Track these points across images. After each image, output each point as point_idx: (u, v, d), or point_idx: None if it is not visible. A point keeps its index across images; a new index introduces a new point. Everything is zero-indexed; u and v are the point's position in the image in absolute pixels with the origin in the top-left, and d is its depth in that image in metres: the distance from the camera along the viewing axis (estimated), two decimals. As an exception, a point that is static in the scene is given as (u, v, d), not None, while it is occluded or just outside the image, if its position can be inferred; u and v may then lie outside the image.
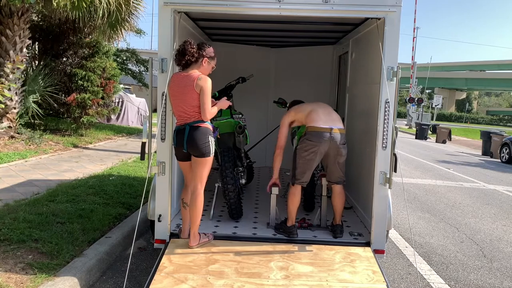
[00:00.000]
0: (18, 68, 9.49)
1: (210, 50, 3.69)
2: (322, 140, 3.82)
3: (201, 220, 4.39)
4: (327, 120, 3.91)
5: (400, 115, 49.66)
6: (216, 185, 4.67)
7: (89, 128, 12.38)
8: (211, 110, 3.55)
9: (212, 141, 3.61)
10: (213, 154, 3.64)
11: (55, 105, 11.41)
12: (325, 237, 4.05)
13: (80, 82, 11.39)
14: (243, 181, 4.78)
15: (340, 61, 6.49)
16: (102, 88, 11.89)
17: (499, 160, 16.39)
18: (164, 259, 3.45)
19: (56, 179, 6.90)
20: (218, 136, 4.47)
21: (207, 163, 3.63)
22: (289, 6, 3.63)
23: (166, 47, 3.68)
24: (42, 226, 4.35)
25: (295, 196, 4.03)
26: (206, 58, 3.65)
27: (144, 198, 3.53)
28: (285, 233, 4.00)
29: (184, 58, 3.55)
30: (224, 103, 3.83)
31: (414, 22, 35.83)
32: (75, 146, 10.61)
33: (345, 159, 4.01)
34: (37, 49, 12.31)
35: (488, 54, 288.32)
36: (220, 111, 4.85)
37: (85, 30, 11.92)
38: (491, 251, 5.36)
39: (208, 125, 3.62)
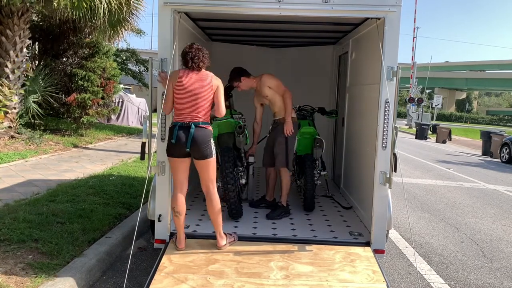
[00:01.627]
0: (19, 68, 9.50)
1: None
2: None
3: (200, 220, 4.40)
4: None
5: (400, 115, 49.63)
6: (216, 185, 4.66)
7: (89, 128, 12.39)
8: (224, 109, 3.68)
9: (212, 142, 3.64)
10: (214, 155, 3.67)
11: (55, 105, 11.41)
12: (325, 237, 4.06)
13: (80, 82, 11.40)
14: (243, 181, 4.78)
15: (340, 61, 6.49)
16: (102, 88, 11.89)
17: (499, 160, 16.39)
18: (164, 259, 3.45)
19: (56, 179, 6.90)
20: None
21: (212, 163, 3.66)
22: (289, 6, 3.63)
23: (166, 47, 3.68)
24: (42, 226, 4.36)
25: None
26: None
27: (144, 198, 3.53)
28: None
29: (205, 65, 3.61)
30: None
31: (414, 22, 35.84)
32: (75, 146, 10.61)
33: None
34: (37, 49, 12.31)
35: (488, 54, 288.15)
36: None
37: (85, 30, 11.92)
38: (491, 251, 5.36)
39: (211, 127, 3.67)
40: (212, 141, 3.63)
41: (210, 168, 3.65)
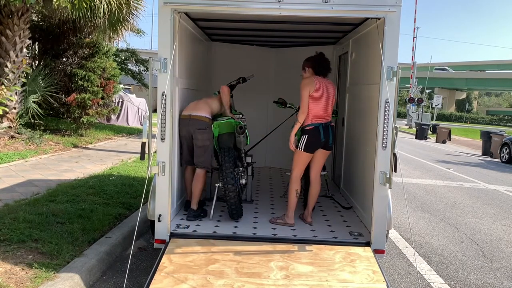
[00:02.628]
0: (18, 68, 9.50)
1: None
2: (182, 125, 4.43)
3: (200, 220, 4.43)
4: (190, 109, 4.46)
5: (400, 115, 49.64)
6: (216, 185, 4.67)
7: (89, 128, 12.39)
8: None
9: None
10: None
11: (55, 105, 11.41)
12: (325, 237, 4.06)
13: (80, 82, 11.40)
14: (243, 181, 4.78)
15: (340, 61, 6.49)
16: (102, 88, 11.90)
17: (499, 160, 16.39)
18: (164, 259, 3.45)
19: (56, 179, 6.90)
20: None
21: None
22: (289, 6, 3.63)
23: (166, 47, 3.68)
24: (42, 226, 4.36)
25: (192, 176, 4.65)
26: None
27: (144, 198, 3.54)
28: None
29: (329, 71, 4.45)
30: None
31: (414, 22, 35.85)
32: (75, 146, 10.61)
33: (205, 146, 4.42)
34: (37, 49, 12.31)
35: (488, 54, 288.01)
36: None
37: (85, 30, 11.93)
38: (491, 251, 5.36)
39: None
40: None
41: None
